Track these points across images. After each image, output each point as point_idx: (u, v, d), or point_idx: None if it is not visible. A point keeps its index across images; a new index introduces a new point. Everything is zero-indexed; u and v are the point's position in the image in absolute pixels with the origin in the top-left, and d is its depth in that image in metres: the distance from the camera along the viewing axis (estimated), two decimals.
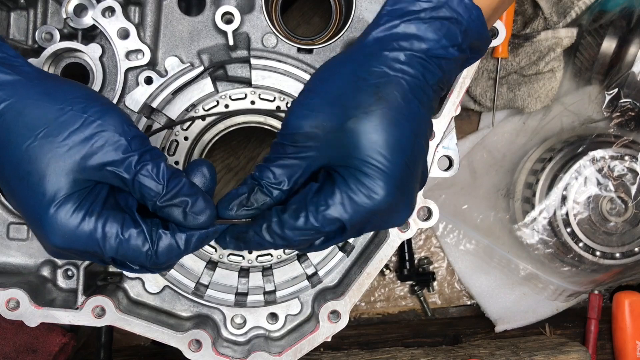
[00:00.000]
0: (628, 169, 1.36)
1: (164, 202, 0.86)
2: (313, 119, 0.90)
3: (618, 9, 1.38)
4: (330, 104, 0.90)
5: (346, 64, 0.93)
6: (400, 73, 0.90)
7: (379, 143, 0.88)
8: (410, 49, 0.90)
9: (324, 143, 0.90)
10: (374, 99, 0.89)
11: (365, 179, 0.88)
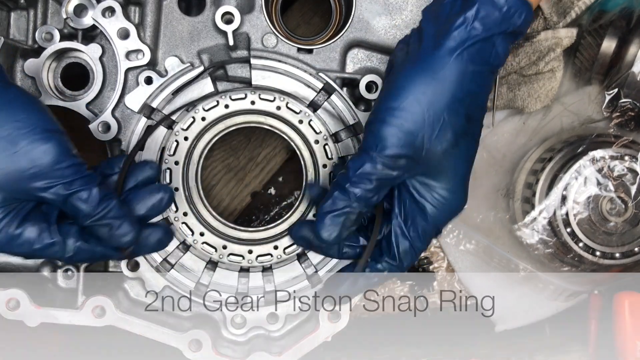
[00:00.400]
0: (628, 169, 1.36)
1: (92, 223, 0.97)
2: (412, 140, 0.97)
3: (618, 9, 1.38)
4: (428, 126, 0.97)
5: (439, 80, 0.97)
6: (483, 87, 0.99)
7: (468, 167, 1.04)
8: (487, 61, 0.97)
9: (418, 161, 0.99)
10: (465, 121, 0.98)
11: (455, 198, 1.04)
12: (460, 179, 1.03)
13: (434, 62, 0.96)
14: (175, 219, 1.25)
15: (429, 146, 0.97)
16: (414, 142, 0.97)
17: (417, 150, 0.97)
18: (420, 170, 1.00)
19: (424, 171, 1.00)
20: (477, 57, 0.96)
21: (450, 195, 1.02)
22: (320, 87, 1.25)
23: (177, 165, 1.25)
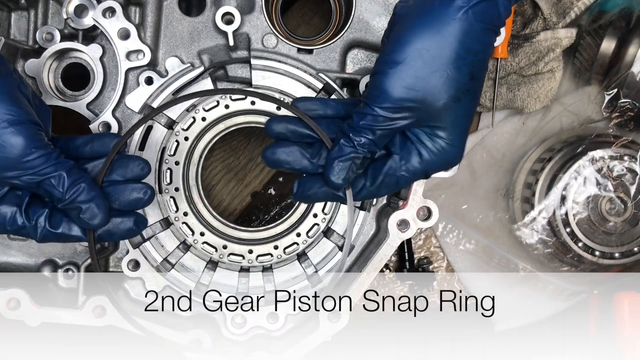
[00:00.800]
0: (627, 169, 1.36)
1: (64, 206, 1.01)
2: (414, 95, 1.00)
3: (617, 10, 1.38)
4: (429, 80, 1.00)
5: (444, 35, 0.99)
6: (486, 47, 1.00)
7: (469, 121, 1.05)
8: (490, 21, 0.98)
9: (419, 113, 1.02)
10: (468, 79, 1.00)
11: (452, 148, 1.05)
12: (459, 134, 1.05)
13: (439, 18, 0.98)
14: (175, 218, 1.25)
15: (431, 100, 1.00)
16: (415, 96, 1.00)
17: (418, 103, 1.00)
18: (422, 122, 1.04)
19: (425, 123, 1.04)
20: (481, 16, 0.98)
21: (448, 147, 1.05)
22: (320, 87, 1.25)
23: (177, 166, 1.25)
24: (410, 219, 1.19)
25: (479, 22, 0.98)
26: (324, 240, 1.28)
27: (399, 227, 1.19)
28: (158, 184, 1.25)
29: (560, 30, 1.38)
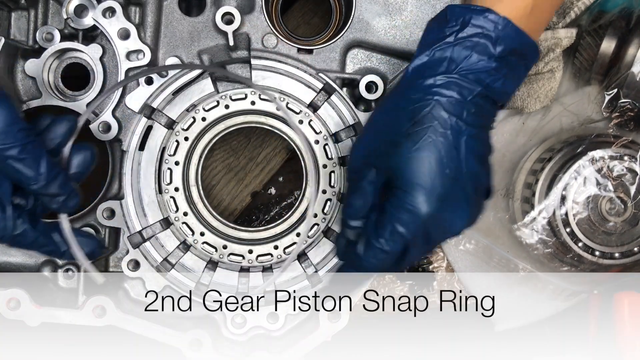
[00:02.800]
0: (627, 169, 1.36)
1: (39, 188, 0.98)
2: (365, 150, 1.06)
3: (617, 10, 1.38)
4: (377, 133, 1.05)
5: (390, 97, 1.06)
6: (436, 95, 0.98)
7: (417, 163, 0.98)
8: (444, 72, 0.97)
9: (378, 167, 1.04)
10: (410, 124, 0.98)
11: (409, 197, 0.98)
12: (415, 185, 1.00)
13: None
14: (175, 218, 1.25)
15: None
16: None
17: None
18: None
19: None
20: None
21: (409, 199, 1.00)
22: (320, 87, 1.25)
23: (177, 166, 1.25)
24: None
25: (418, 77, 1.00)
26: (324, 240, 1.28)
27: None
28: (158, 184, 1.26)
29: (560, 30, 1.38)
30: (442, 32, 0.98)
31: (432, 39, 0.99)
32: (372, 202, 1.07)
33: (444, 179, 0.97)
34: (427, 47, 0.99)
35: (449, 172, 0.97)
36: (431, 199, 0.97)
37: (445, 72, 0.98)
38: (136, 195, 1.25)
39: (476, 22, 0.97)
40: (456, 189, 0.99)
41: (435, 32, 1.00)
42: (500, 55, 0.97)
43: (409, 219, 0.98)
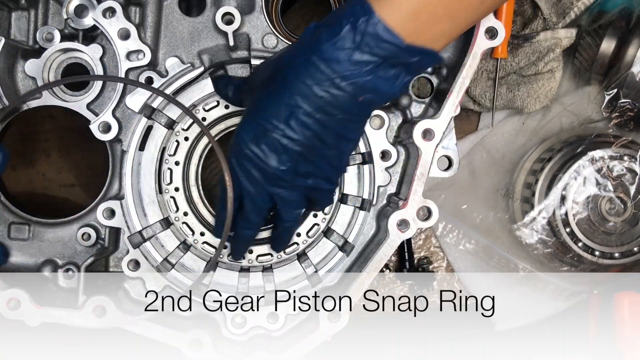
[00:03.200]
0: (627, 169, 1.36)
1: None
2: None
3: (617, 10, 1.38)
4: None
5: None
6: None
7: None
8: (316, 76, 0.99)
9: None
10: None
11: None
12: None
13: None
14: (175, 218, 1.26)
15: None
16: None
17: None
18: None
19: None
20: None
21: None
22: None
23: (177, 166, 1.26)
24: (410, 219, 1.19)
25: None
26: (324, 240, 1.28)
27: (398, 227, 1.19)
28: (158, 184, 1.26)
29: (560, 31, 1.38)
30: (340, 24, 0.98)
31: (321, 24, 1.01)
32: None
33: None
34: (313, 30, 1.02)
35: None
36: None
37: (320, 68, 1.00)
38: (136, 195, 1.25)
39: (344, 11, 0.98)
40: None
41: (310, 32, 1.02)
42: (377, 59, 0.98)
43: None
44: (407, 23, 0.97)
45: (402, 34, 0.97)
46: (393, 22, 0.96)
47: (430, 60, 1.02)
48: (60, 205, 1.57)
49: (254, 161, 1.06)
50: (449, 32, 1.02)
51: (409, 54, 0.99)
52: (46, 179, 1.57)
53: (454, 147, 1.20)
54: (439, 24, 0.99)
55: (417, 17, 0.97)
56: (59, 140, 1.57)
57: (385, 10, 0.96)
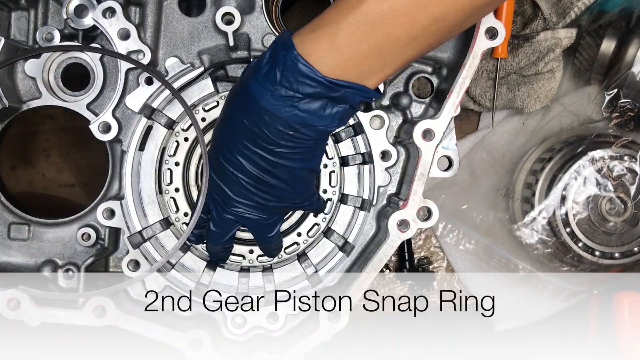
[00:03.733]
0: (627, 169, 1.36)
1: None
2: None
3: (617, 10, 1.38)
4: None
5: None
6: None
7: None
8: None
9: None
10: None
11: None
12: None
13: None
14: (175, 219, 1.25)
15: None
16: None
17: None
18: None
19: None
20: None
21: None
22: None
23: (177, 166, 1.25)
24: (410, 219, 1.19)
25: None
26: (324, 240, 1.28)
27: (399, 227, 1.19)
28: (158, 185, 1.26)
29: (560, 30, 1.38)
30: (273, 69, 1.00)
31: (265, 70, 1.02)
32: None
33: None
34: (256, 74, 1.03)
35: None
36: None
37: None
38: (136, 196, 1.25)
39: (290, 70, 0.99)
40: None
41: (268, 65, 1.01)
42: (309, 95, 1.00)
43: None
44: (330, 59, 0.98)
45: (323, 68, 0.98)
46: (313, 57, 0.97)
47: (360, 95, 1.02)
48: (60, 205, 1.57)
49: (216, 189, 1.13)
50: (379, 68, 1.01)
51: (329, 89, 0.99)
52: (46, 179, 1.57)
53: (454, 147, 1.20)
54: (366, 60, 0.99)
55: (340, 52, 0.97)
56: (58, 140, 1.57)
57: (305, 46, 0.98)
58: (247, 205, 1.12)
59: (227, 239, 1.19)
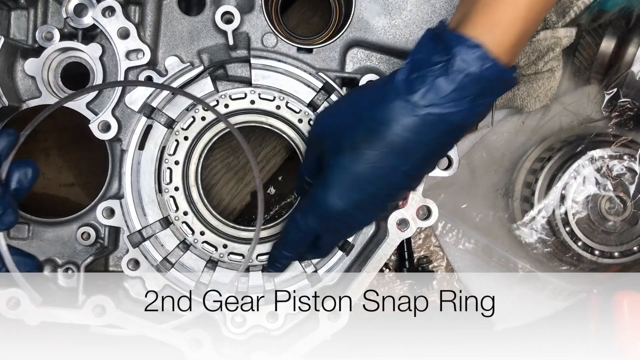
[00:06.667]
0: (627, 168, 1.36)
1: None
2: (321, 127, 1.14)
3: (617, 9, 1.38)
4: (337, 121, 1.10)
5: (366, 93, 1.08)
6: (395, 120, 0.99)
7: (345, 170, 1.05)
8: (415, 101, 0.97)
9: (323, 148, 1.10)
10: (361, 133, 1.03)
11: (325, 193, 1.07)
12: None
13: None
14: (175, 218, 1.25)
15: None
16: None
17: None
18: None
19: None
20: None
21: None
22: (320, 86, 1.25)
23: (177, 165, 1.25)
24: (410, 218, 1.19)
25: (386, 94, 1.02)
26: None
27: (398, 226, 1.19)
28: (158, 184, 1.26)
29: (560, 30, 1.38)
30: (431, 57, 0.97)
31: (421, 59, 0.98)
32: (313, 174, 1.17)
33: (363, 193, 1.05)
34: (414, 66, 0.99)
35: (371, 190, 1.05)
36: (344, 202, 1.06)
37: (416, 102, 0.97)
38: (136, 195, 1.25)
39: (465, 57, 0.95)
40: (373, 200, 1.07)
41: (425, 52, 0.98)
42: (477, 93, 0.96)
43: (318, 212, 1.09)
44: (510, 50, 0.97)
45: (506, 62, 0.97)
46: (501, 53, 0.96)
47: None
48: (60, 205, 1.56)
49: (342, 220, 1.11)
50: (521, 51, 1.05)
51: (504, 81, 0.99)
52: (46, 178, 1.57)
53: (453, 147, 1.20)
54: (524, 46, 1.02)
55: (516, 45, 0.97)
56: (58, 139, 1.57)
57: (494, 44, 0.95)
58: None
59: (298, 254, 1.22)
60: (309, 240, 1.15)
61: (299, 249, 1.18)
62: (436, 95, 0.96)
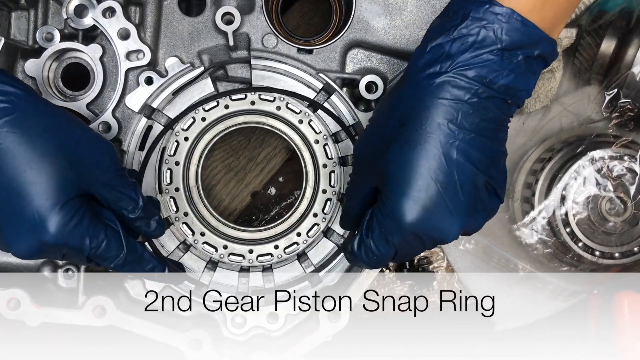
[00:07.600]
0: (627, 169, 1.36)
1: (137, 218, 1.03)
2: (362, 150, 1.05)
3: (617, 10, 1.38)
4: (372, 134, 1.03)
5: (387, 95, 1.04)
6: (428, 97, 0.93)
7: (401, 170, 0.94)
8: (439, 71, 0.92)
9: (369, 169, 1.02)
10: (399, 126, 0.95)
11: (392, 205, 0.95)
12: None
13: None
14: (175, 218, 1.26)
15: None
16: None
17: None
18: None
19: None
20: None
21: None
22: (320, 87, 1.25)
23: (177, 166, 1.26)
24: None
25: (415, 75, 0.97)
26: (324, 240, 1.28)
27: None
28: (158, 184, 1.26)
29: None
30: (443, 27, 0.93)
31: (433, 34, 0.94)
32: (364, 203, 1.05)
33: (430, 188, 0.93)
34: (426, 43, 0.94)
35: (437, 181, 0.93)
36: (415, 208, 0.93)
37: (440, 71, 0.92)
38: None
39: (477, 15, 0.90)
40: (446, 197, 0.94)
41: (436, 29, 0.94)
42: (504, 48, 0.90)
43: (393, 228, 0.96)
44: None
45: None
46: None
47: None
48: None
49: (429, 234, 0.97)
50: (563, 18, 0.96)
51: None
52: None
53: None
54: (564, 12, 0.95)
55: (546, 5, 0.91)
56: None
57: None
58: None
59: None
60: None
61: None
62: (452, 61, 0.91)
